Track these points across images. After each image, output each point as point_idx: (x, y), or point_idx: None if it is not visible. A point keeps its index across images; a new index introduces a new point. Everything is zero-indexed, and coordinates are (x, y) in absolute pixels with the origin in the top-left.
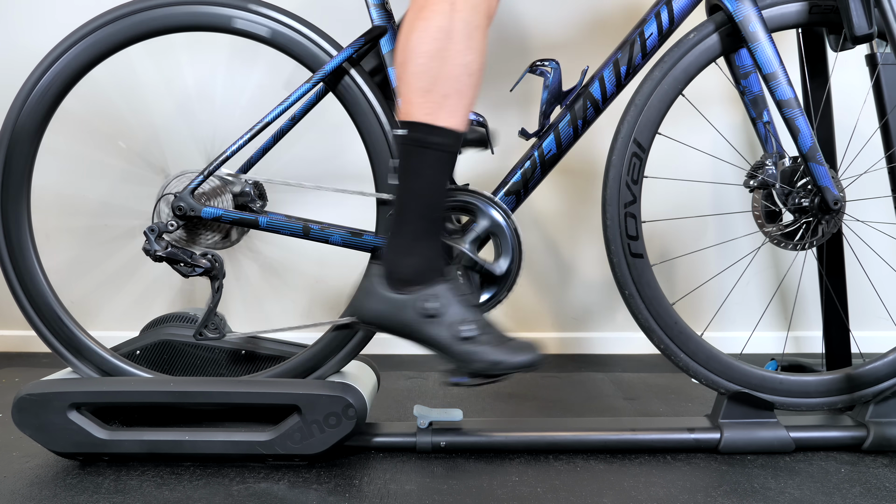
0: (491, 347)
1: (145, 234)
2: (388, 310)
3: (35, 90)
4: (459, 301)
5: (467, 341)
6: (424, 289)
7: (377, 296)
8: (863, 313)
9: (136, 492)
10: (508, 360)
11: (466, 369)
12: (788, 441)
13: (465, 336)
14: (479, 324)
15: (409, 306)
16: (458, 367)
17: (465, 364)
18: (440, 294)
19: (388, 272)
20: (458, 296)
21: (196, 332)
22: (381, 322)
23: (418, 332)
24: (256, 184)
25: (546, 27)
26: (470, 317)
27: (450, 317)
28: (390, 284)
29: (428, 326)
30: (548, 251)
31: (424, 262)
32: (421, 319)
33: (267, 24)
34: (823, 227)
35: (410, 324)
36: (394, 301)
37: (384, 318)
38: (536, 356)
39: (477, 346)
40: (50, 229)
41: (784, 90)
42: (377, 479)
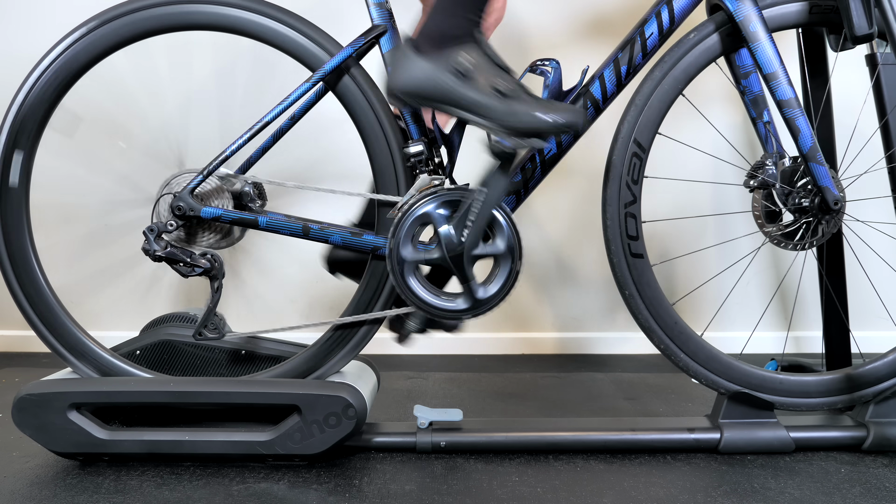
0: (530, 104)
1: (145, 234)
2: (422, 76)
3: (34, 89)
4: (490, 59)
5: (507, 97)
6: (455, 48)
7: (410, 63)
8: (863, 313)
9: (136, 492)
10: (550, 116)
11: (509, 126)
12: (788, 441)
13: (502, 91)
14: (513, 81)
15: (443, 67)
16: (500, 127)
17: (506, 122)
18: (471, 52)
19: (417, 42)
20: (488, 55)
21: (196, 332)
22: (416, 90)
23: (455, 93)
24: (256, 183)
25: (546, 27)
26: (503, 73)
27: (483, 74)
28: (419, 50)
29: (464, 88)
30: (548, 251)
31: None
32: (456, 80)
33: (267, 23)
34: (823, 227)
35: (447, 86)
36: (427, 66)
37: (419, 84)
38: (577, 117)
39: (515, 103)
40: (50, 229)
41: (784, 90)
42: (377, 479)
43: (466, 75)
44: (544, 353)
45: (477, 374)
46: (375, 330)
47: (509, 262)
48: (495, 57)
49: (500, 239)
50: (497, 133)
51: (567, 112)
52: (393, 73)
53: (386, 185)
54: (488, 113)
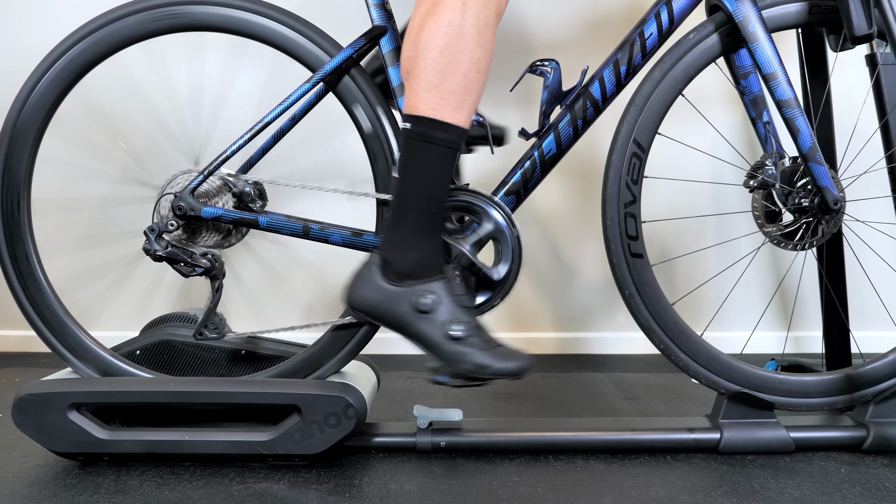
0: (479, 350)
1: (145, 234)
2: (381, 300)
3: (35, 90)
4: (453, 300)
5: (456, 341)
6: (420, 284)
7: (372, 285)
8: (863, 313)
9: (136, 492)
10: (494, 365)
11: (452, 369)
12: (788, 441)
13: (454, 336)
14: (470, 325)
15: (403, 299)
16: (444, 367)
17: (451, 364)
18: (435, 291)
19: (385, 263)
20: (453, 295)
21: (196, 332)
22: (371, 311)
23: (408, 325)
24: (256, 183)
25: (546, 27)
26: (462, 317)
27: (442, 315)
28: (386, 276)
29: (419, 321)
30: (548, 251)
31: (423, 257)
32: (413, 313)
33: (267, 24)
34: (823, 227)
35: (402, 316)
36: (388, 292)
37: (376, 307)
38: (523, 364)
39: (465, 348)
40: (50, 229)
41: (784, 90)
42: (377, 479)
43: (425, 312)
44: (544, 353)
45: None
46: (376, 330)
47: (506, 234)
48: (459, 296)
49: (485, 220)
50: (439, 372)
51: (514, 360)
52: (354, 286)
53: (386, 186)
54: (437, 352)
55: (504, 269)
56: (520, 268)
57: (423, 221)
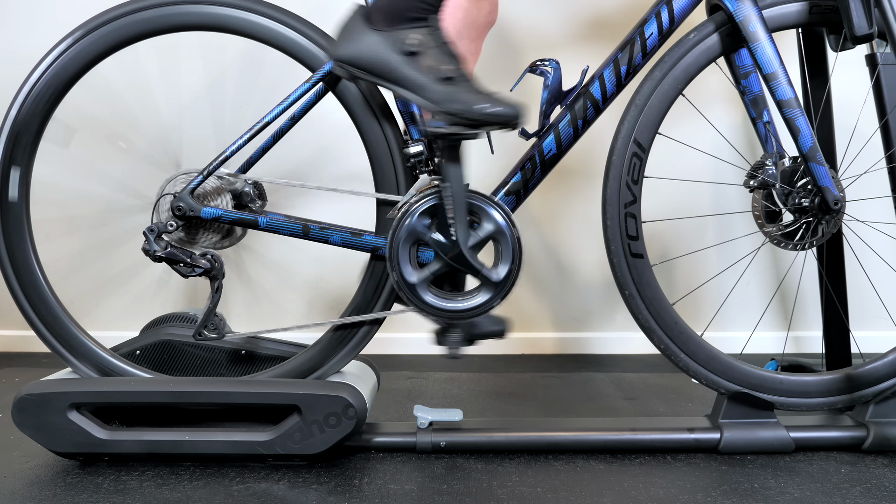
0: (470, 92)
1: (145, 235)
2: (366, 48)
3: (35, 89)
4: (441, 45)
5: (445, 81)
6: (406, 27)
7: (357, 34)
8: (863, 313)
9: (136, 492)
10: (488, 107)
11: (446, 109)
12: (788, 441)
13: (443, 76)
14: (458, 69)
15: (390, 42)
16: (438, 108)
17: (444, 104)
18: (422, 34)
19: (369, 12)
20: (440, 41)
21: (196, 333)
22: (357, 61)
23: (395, 69)
24: (256, 184)
25: (546, 27)
26: (451, 61)
27: (430, 58)
28: (371, 22)
29: (406, 65)
30: (548, 251)
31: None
32: (400, 57)
33: (267, 24)
34: (823, 227)
35: (388, 61)
36: (374, 38)
37: (361, 55)
38: (516, 109)
39: (459, 89)
40: (50, 229)
41: (784, 90)
42: (377, 479)
43: (413, 55)
44: (544, 353)
45: (477, 374)
46: (375, 330)
47: (507, 235)
48: (447, 44)
49: (485, 220)
50: (434, 114)
51: (506, 105)
52: (339, 40)
53: (386, 186)
54: (427, 94)
55: (504, 269)
56: (520, 268)
57: None
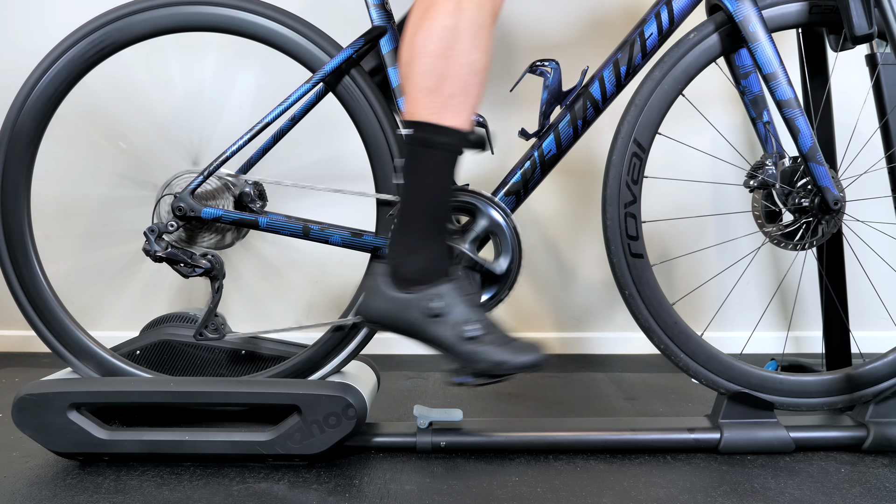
0: (495, 347)
1: (145, 235)
2: (393, 309)
3: (35, 90)
4: (464, 301)
5: (472, 341)
6: (429, 288)
7: (382, 295)
8: (863, 313)
9: (136, 492)
10: (512, 360)
11: (470, 369)
12: (788, 441)
13: (469, 336)
14: (483, 323)
15: (414, 305)
16: (462, 367)
17: (469, 364)
18: (445, 293)
19: (393, 271)
20: (463, 296)
21: (196, 333)
22: (386, 321)
23: (423, 331)
24: (256, 184)
25: (546, 27)
26: (474, 317)
27: (454, 316)
28: (395, 283)
29: (432, 326)
30: (548, 251)
31: (430, 261)
32: (426, 319)
33: (267, 24)
34: (823, 227)
35: (415, 323)
36: (399, 300)
37: (389, 317)
38: (540, 356)
39: (481, 346)
40: (50, 230)
41: (784, 90)
42: (377, 479)
43: (437, 315)
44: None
45: None
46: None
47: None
48: (469, 295)
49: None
50: (458, 373)
51: (529, 353)
52: (366, 299)
53: (386, 186)
54: (454, 354)
55: (505, 263)
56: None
57: (428, 226)
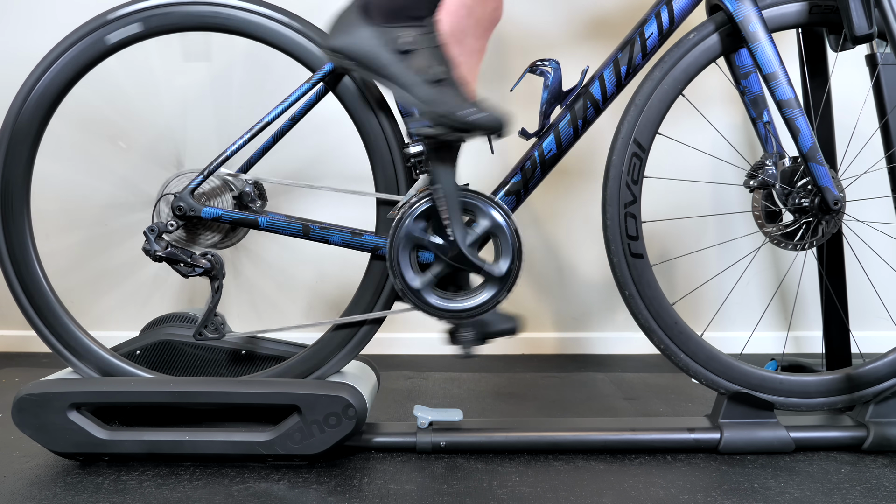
0: (458, 97)
1: (145, 235)
2: (360, 41)
3: (35, 89)
4: (434, 47)
5: (436, 83)
6: (402, 25)
7: (352, 26)
8: (863, 313)
9: (136, 492)
10: (472, 112)
11: (431, 111)
12: (788, 441)
13: (433, 78)
14: (449, 73)
15: (383, 38)
16: (422, 109)
17: (427, 104)
18: (416, 34)
19: (367, 3)
20: (433, 43)
21: (196, 333)
22: (350, 52)
23: (386, 65)
24: (256, 183)
25: (546, 27)
26: (442, 64)
27: (421, 58)
28: (367, 16)
29: (397, 62)
30: (548, 251)
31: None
32: (392, 55)
33: (267, 24)
34: (823, 227)
35: (380, 57)
36: (368, 32)
37: (355, 47)
38: (501, 120)
39: (447, 92)
40: (50, 229)
41: (784, 90)
42: (377, 479)
43: (405, 53)
44: (544, 353)
45: (477, 374)
46: (376, 330)
47: (507, 235)
48: (440, 46)
49: (480, 217)
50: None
51: (491, 113)
52: (334, 30)
53: (386, 186)
54: (415, 93)
55: (505, 265)
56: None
57: None
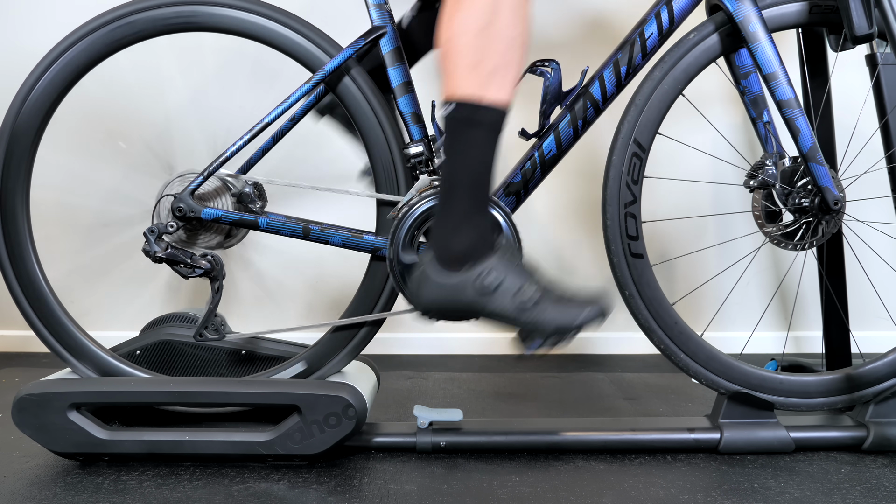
0: (557, 308)
1: (145, 236)
2: (447, 293)
3: (34, 90)
4: (514, 268)
5: (533, 307)
6: (479, 264)
7: (433, 282)
8: (863, 313)
9: (136, 492)
10: (577, 317)
11: (538, 335)
12: (788, 441)
13: (527, 303)
14: (539, 286)
15: (468, 285)
16: (530, 335)
17: (535, 331)
18: (495, 266)
19: (440, 255)
20: (512, 263)
21: (196, 333)
22: (442, 307)
23: (482, 309)
24: (256, 184)
25: (546, 27)
26: (529, 282)
27: (510, 286)
28: (444, 266)
29: (491, 302)
30: (548, 251)
31: (476, 237)
32: (482, 296)
33: (267, 24)
34: (823, 227)
35: (473, 303)
36: (451, 283)
37: (444, 303)
38: (602, 306)
39: (541, 311)
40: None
41: (784, 90)
42: (377, 479)
43: (494, 291)
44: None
45: (477, 374)
46: (376, 331)
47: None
48: (517, 263)
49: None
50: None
51: (592, 305)
52: (419, 290)
53: (386, 186)
54: (517, 323)
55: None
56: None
57: (473, 203)
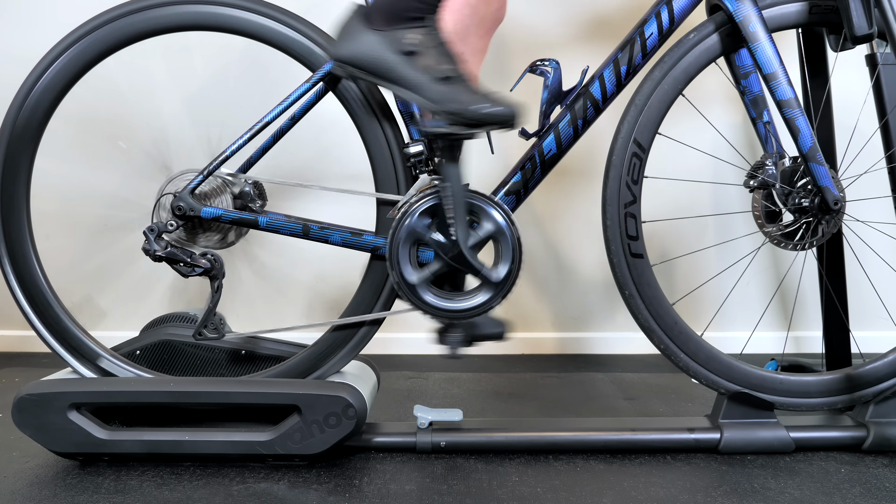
0: (469, 92)
1: (145, 234)
2: (365, 48)
3: (35, 89)
4: (439, 45)
5: (445, 81)
6: (404, 27)
7: (356, 34)
8: (863, 313)
9: (136, 492)
10: (486, 105)
11: (442, 109)
12: (788, 441)
13: (442, 76)
14: (457, 69)
15: (388, 42)
16: (434, 108)
17: (440, 103)
18: (420, 34)
19: (367, 10)
20: (438, 41)
21: (196, 333)
22: (356, 60)
23: (393, 69)
24: (256, 183)
25: (546, 27)
26: (449, 61)
27: (428, 57)
28: (370, 22)
29: (405, 65)
30: (548, 251)
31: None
32: (398, 57)
33: (267, 23)
34: (823, 227)
35: (387, 61)
36: (372, 38)
37: (361, 55)
38: (514, 109)
39: (457, 89)
40: (50, 229)
41: (784, 90)
42: (377, 479)
43: (411, 54)
44: (544, 353)
45: (477, 374)
46: (375, 330)
47: (507, 235)
48: (445, 44)
49: (485, 220)
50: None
51: (504, 105)
52: (339, 40)
53: (386, 186)
54: (426, 93)
55: (504, 269)
56: (520, 268)
57: None
